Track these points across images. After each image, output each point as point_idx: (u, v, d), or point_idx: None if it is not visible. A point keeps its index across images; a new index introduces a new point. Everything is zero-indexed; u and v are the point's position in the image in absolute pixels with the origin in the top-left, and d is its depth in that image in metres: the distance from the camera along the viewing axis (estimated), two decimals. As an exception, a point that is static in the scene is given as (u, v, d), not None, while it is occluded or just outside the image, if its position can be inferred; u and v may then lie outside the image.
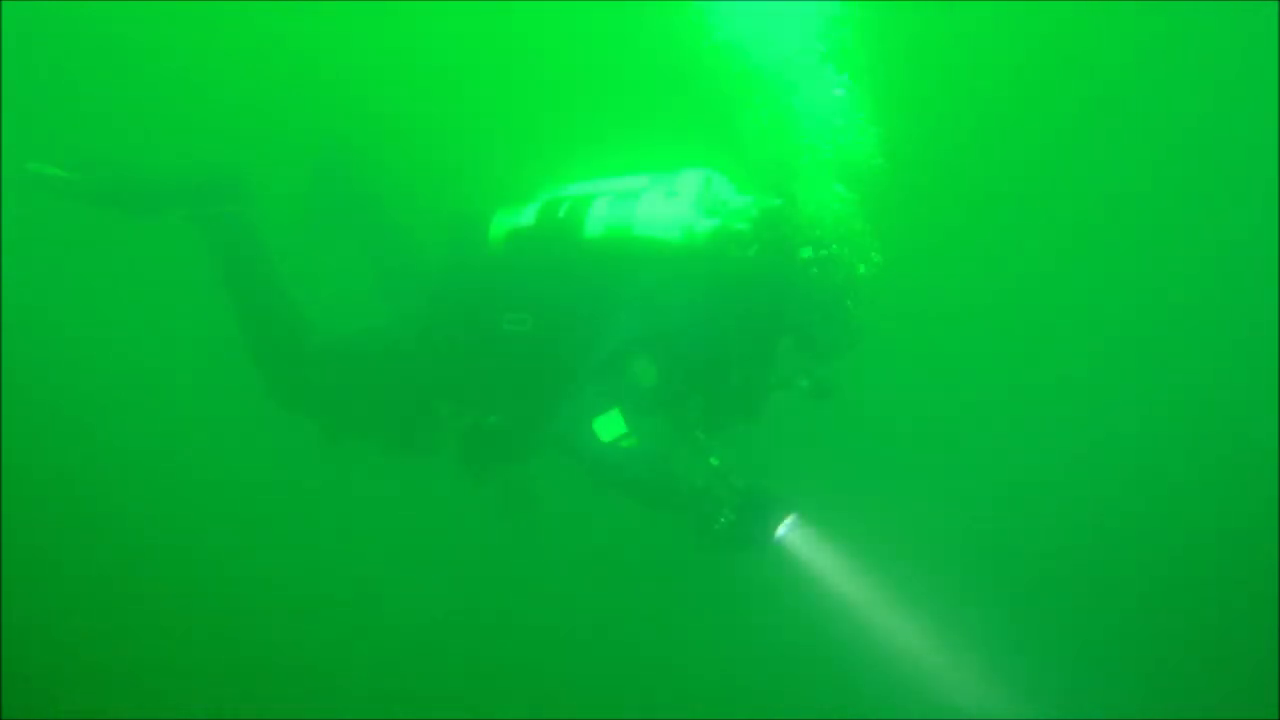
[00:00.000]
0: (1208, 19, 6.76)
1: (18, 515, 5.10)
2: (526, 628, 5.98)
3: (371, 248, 4.01)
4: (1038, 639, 5.87)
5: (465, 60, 6.42)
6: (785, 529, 3.03)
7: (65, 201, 3.74)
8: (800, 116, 3.20)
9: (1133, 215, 7.42)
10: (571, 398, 3.10)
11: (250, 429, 5.63)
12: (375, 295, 3.95)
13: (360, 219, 4.03)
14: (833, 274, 3.08)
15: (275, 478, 5.65)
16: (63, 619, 5.15)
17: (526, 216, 3.37)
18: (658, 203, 3.16)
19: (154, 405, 5.82)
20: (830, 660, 4.92)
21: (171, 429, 5.79)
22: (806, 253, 3.04)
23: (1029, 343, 7.37)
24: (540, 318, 3.28)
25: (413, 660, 5.80)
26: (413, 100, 6.18)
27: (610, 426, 3.02)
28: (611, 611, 6.03)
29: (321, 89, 5.78)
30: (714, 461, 3.16)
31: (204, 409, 5.75)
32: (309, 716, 5.19)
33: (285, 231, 3.97)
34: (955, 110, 6.95)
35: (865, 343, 3.20)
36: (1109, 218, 7.44)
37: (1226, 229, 7.31)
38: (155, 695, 5.13)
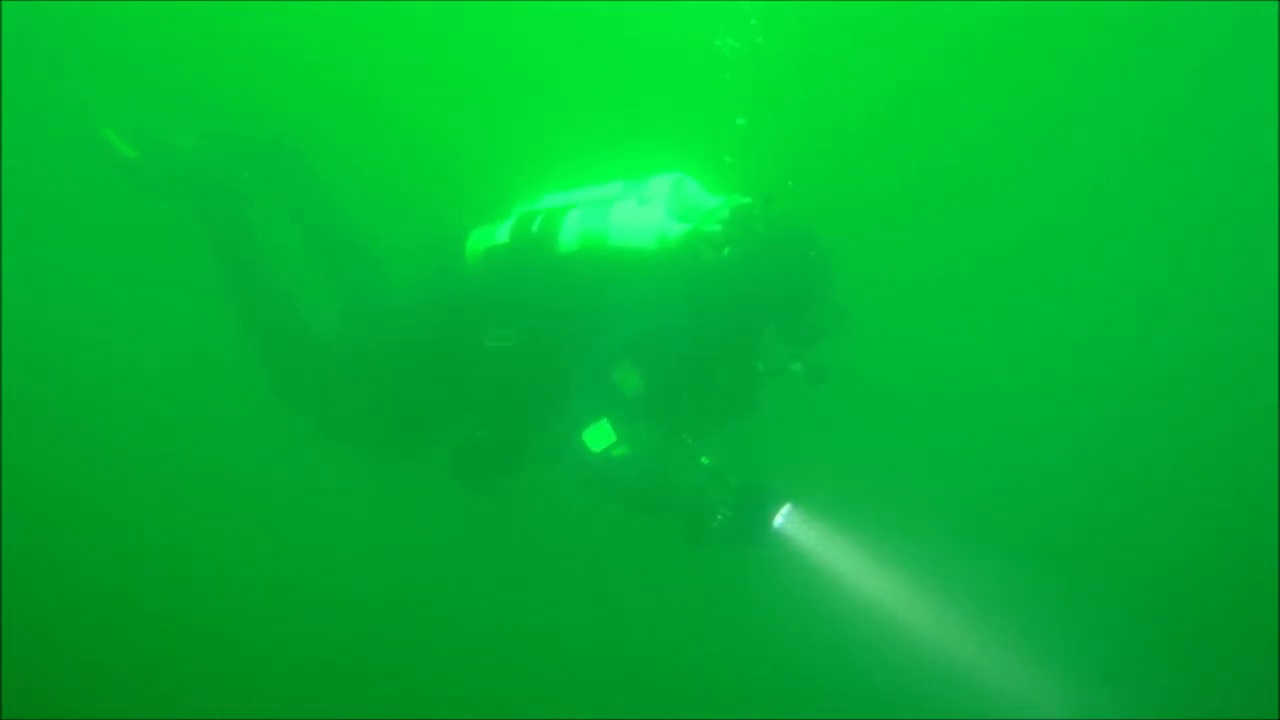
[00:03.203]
0: (1208, 19, 6.77)
1: (18, 515, 5.11)
2: (526, 628, 5.98)
3: (320, 259, 3.95)
4: (1040, 627, 5.84)
5: (436, 70, 6.41)
6: (782, 519, 3.03)
7: (113, 171, 3.74)
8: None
9: (1132, 211, 7.42)
10: (561, 411, 3.11)
11: (250, 429, 5.65)
12: (333, 309, 3.89)
13: (307, 229, 3.95)
14: (805, 263, 3.09)
15: (274, 478, 5.66)
16: (63, 619, 5.17)
17: (501, 233, 3.36)
18: (630, 210, 3.17)
19: (153, 405, 5.83)
20: (836, 645, 4.92)
21: (171, 429, 5.80)
22: (779, 246, 3.05)
23: (1022, 324, 7.38)
24: (524, 333, 3.28)
25: (412, 660, 5.81)
26: (384, 111, 6.19)
27: (600, 437, 3.02)
28: (613, 610, 6.03)
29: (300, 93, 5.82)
30: (705, 461, 3.16)
31: (203, 409, 5.77)
32: (309, 716, 5.19)
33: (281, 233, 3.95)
34: (961, 110, 6.98)
35: (846, 323, 3.20)
36: (1109, 213, 7.44)
37: (1225, 226, 7.32)
38: (155, 695, 5.15)
